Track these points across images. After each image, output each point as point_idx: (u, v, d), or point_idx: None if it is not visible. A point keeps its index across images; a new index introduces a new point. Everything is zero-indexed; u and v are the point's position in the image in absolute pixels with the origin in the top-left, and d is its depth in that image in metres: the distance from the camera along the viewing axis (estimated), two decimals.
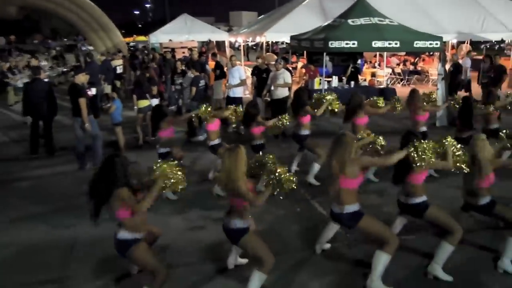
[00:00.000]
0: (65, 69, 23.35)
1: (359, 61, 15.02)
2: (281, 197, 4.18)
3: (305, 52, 16.82)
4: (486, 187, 4.62)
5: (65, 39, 41.36)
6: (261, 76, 11.00)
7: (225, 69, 12.34)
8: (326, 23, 13.67)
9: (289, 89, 10.70)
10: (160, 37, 21.58)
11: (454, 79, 13.18)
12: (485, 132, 6.90)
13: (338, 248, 5.17)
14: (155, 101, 10.02)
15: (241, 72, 10.97)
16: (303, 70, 14.04)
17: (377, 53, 16.02)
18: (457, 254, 4.62)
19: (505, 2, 18.45)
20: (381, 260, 4.23)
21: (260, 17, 24.03)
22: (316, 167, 7.26)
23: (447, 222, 4.46)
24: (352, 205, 4.25)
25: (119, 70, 16.10)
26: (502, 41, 20.30)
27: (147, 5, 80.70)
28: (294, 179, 4.09)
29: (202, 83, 10.39)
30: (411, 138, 4.50)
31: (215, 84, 11.72)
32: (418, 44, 12.45)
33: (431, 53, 19.79)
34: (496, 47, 23.38)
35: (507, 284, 4.44)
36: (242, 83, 10.86)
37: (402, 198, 4.63)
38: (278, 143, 9.52)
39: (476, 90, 14.06)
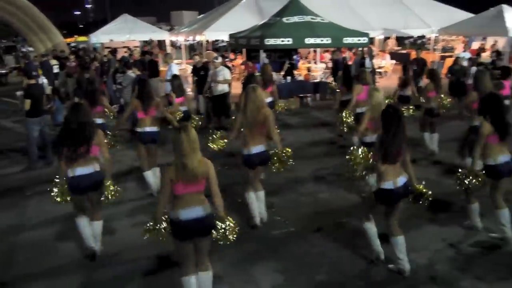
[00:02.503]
0: (4, 71, 22.80)
1: (294, 57, 15.83)
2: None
3: (244, 49, 17.46)
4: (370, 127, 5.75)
5: (4, 41, 39.77)
6: (199, 74, 11.46)
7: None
8: (262, 22, 14.38)
9: (229, 85, 11.26)
10: (101, 37, 21.58)
11: (334, 75, 13.27)
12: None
13: (280, 235, 5.61)
14: None
15: (173, 69, 11.42)
16: (242, 67, 14.67)
17: (312, 49, 16.90)
18: None
19: (424, 1, 20.07)
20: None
21: (199, 16, 24.48)
22: None
23: None
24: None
25: (56, 69, 16.12)
26: (423, 36, 21.90)
27: (88, 6, 78.62)
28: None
29: None
30: None
31: (151, 82, 12.13)
32: (348, 40, 13.38)
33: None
34: (419, 42, 25.12)
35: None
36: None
37: None
38: None
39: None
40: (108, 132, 6.80)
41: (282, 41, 12.44)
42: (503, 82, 8.31)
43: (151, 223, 3.90)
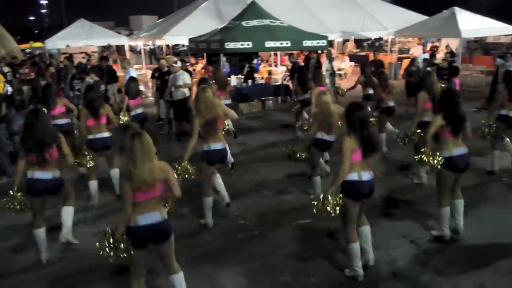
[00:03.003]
0: None
1: (254, 61, 15.89)
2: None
3: (204, 53, 17.41)
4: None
5: None
6: (164, 78, 11.30)
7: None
8: (222, 26, 14.37)
9: (190, 89, 11.16)
10: (57, 43, 21.04)
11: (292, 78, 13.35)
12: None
13: (244, 238, 5.61)
14: None
15: (131, 74, 11.25)
16: (203, 71, 14.61)
17: (272, 52, 17.01)
18: None
19: (380, 4, 20.58)
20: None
21: (159, 20, 24.22)
22: None
23: None
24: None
25: (9, 77, 15.57)
26: (380, 38, 22.45)
27: (43, 11, 76.40)
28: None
29: (102, 87, 10.55)
30: None
31: (108, 88, 11.96)
32: (307, 43, 13.55)
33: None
34: (377, 44, 25.72)
35: None
36: None
37: None
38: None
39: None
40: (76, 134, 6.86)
41: (242, 44, 12.48)
42: (453, 80, 8.67)
43: (110, 238, 3.73)
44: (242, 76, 14.60)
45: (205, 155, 5.68)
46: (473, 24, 16.24)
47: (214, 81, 9.30)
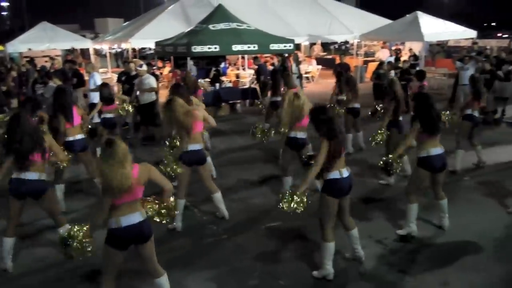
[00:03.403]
0: None
1: (222, 64, 15.85)
2: None
3: (171, 57, 17.26)
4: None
5: None
6: (131, 82, 11.07)
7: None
8: (188, 29, 14.28)
9: (156, 93, 11.01)
10: (18, 46, 20.46)
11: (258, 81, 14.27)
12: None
13: (212, 243, 5.58)
14: None
15: (96, 78, 11.06)
16: (170, 75, 14.48)
17: (240, 56, 17.01)
18: None
19: (345, 7, 20.89)
20: None
21: (125, 23, 23.86)
22: None
23: None
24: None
25: None
26: (347, 42, 22.82)
27: (4, 13, 74.01)
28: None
29: None
30: None
31: (74, 92, 11.66)
32: (274, 46, 13.59)
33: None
34: (343, 47, 26.12)
35: None
36: (96, 89, 10.75)
37: None
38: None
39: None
40: None
41: (209, 48, 12.40)
42: (423, 84, 8.96)
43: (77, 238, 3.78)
44: (209, 80, 14.53)
45: (182, 156, 5.68)
46: (435, 28, 16.66)
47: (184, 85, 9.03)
